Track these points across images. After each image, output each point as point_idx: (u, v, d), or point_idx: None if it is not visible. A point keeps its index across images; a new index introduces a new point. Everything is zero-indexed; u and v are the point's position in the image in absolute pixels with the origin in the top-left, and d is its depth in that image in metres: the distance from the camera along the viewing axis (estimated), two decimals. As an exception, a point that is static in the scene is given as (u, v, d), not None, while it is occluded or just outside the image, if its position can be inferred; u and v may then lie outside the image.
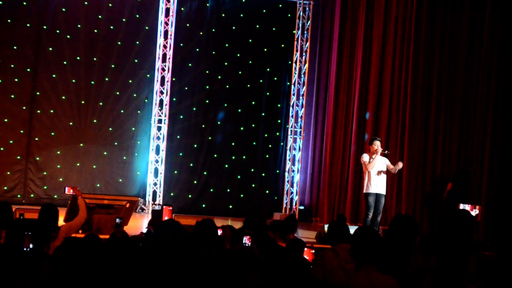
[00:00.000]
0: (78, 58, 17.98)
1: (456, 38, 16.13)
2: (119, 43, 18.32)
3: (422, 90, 16.31)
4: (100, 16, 18.19)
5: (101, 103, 18.20)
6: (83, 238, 6.28)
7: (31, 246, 6.56)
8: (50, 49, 17.81)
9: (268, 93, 19.54)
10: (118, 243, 6.45)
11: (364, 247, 5.58)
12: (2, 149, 17.45)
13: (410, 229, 7.05)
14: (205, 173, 18.98)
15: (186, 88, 18.86)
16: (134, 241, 6.74)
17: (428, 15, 16.36)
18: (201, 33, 19.02)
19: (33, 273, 5.79)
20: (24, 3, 17.60)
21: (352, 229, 6.21)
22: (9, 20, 17.50)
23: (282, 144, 19.60)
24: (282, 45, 19.61)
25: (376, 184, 14.33)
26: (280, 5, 19.57)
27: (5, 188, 17.41)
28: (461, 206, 14.24)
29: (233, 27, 19.26)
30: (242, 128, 19.22)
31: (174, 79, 18.53)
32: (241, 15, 19.32)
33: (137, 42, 18.45)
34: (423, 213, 16.15)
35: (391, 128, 17.02)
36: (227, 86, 19.21)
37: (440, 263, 6.50)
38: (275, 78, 19.59)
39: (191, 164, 18.98)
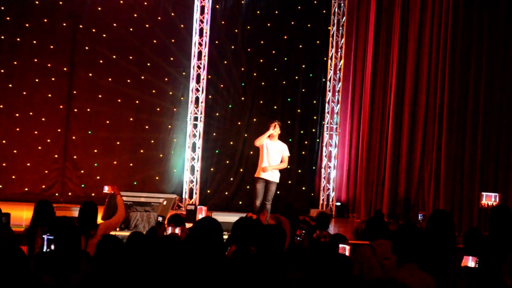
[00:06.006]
0: (114, 56, 18.08)
1: (494, 37, 16.05)
2: (154, 41, 18.38)
3: (459, 85, 16.20)
4: (135, 15, 18.26)
5: (137, 101, 18.29)
6: (128, 235, 6.29)
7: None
8: (86, 48, 17.93)
9: (303, 90, 19.49)
10: (160, 241, 6.45)
11: (406, 244, 5.53)
12: (40, 148, 17.60)
13: (449, 225, 6.99)
14: (241, 170, 18.96)
15: (221, 85, 18.88)
16: (174, 239, 6.73)
17: (465, 10, 16.24)
18: (236, 30, 19.02)
19: (71, 271, 5.82)
20: (60, 3, 17.73)
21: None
22: (45, 20, 17.64)
23: (318, 140, 19.53)
24: (317, 42, 19.54)
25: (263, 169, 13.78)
26: (315, 2, 19.48)
27: (43, 186, 17.58)
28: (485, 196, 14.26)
29: (268, 24, 19.21)
30: (277, 125, 19.17)
31: (209, 76, 18.55)
32: (276, 12, 19.27)
33: (173, 40, 18.50)
34: (462, 210, 16.03)
35: (427, 124, 16.89)
36: (263, 83, 19.18)
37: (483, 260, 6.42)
38: (311, 75, 19.54)
39: (227, 161, 18.99)
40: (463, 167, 16.17)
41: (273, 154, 13.83)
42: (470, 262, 6.29)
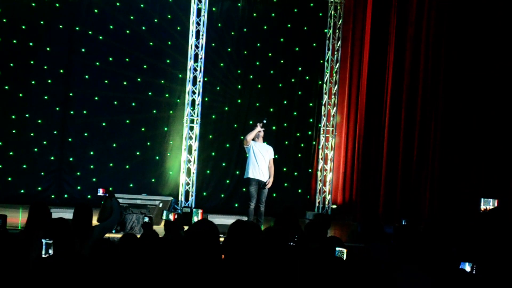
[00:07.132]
0: (110, 59, 18.08)
1: (491, 40, 16.09)
2: (151, 43, 18.38)
3: (456, 88, 16.24)
4: (132, 17, 18.26)
5: (133, 104, 18.29)
6: (120, 237, 6.30)
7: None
8: (83, 50, 17.94)
9: (300, 92, 19.51)
10: (149, 242, 6.46)
11: (405, 246, 5.53)
12: (36, 150, 17.60)
13: (446, 228, 7.00)
14: (237, 172, 18.94)
15: (218, 88, 18.90)
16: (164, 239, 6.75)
17: (462, 13, 16.29)
18: (232, 33, 19.04)
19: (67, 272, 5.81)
20: (57, 5, 17.73)
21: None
22: (42, 22, 17.65)
23: (314, 143, 19.53)
24: (314, 44, 19.53)
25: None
26: (312, 4, 19.49)
27: (39, 188, 17.57)
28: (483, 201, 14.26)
29: (265, 27, 19.24)
30: (274, 128, 19.18)
31: (206, 79, 18.48)
32: (273, 14, 19.30)
33: (169, 43, 18.51)
34: (458, 214, 16.06)
35: (424, 126, 16.93)
36: (259, 86, 19.21)
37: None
38: (307, 77, 19.54)
39: (224, 164, 18.99)
40: (459, 171, 16.20)
41: (262, 154, 14.13)
42: (466, 266, 6.29)
